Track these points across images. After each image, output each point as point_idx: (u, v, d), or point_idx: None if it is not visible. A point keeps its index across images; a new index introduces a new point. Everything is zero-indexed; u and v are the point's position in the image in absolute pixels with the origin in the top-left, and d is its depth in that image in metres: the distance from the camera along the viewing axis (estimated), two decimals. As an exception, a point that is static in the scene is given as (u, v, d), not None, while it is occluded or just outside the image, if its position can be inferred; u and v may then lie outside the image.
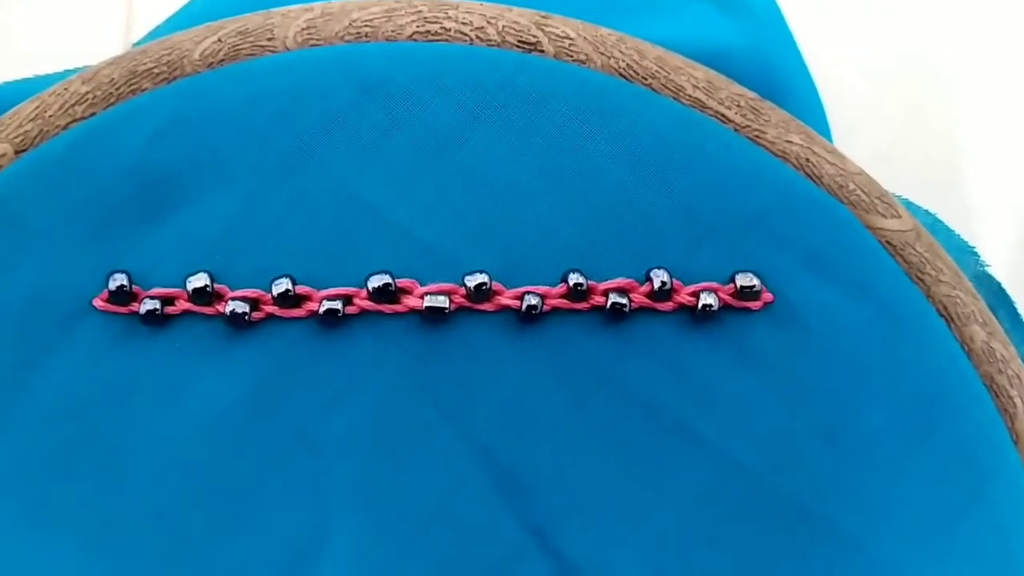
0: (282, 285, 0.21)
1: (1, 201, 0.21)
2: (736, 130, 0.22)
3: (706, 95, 0.22)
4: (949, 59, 0.34)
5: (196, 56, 0.22)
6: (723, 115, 0.22)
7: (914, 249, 0.22)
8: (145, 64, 0.22)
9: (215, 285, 0.21)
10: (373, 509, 0.21)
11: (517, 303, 0.21)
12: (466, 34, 0.22)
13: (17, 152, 0.22)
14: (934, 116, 0.33)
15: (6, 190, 0.21)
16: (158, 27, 0.27)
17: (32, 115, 0.22)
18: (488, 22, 0.22)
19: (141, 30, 0.29)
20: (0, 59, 0.31)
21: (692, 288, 0.21)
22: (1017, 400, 0.22)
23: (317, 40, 0.22)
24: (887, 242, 0.22)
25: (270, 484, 0.21)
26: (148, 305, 0.21)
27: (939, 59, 0.34)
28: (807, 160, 0.22)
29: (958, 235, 0.25)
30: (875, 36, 0.34)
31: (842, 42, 0.33)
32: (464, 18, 0.22)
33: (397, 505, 0.21)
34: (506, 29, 0.22)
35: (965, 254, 0.25)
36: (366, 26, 0.22)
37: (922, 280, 0.22)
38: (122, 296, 0.21)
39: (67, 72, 0.23)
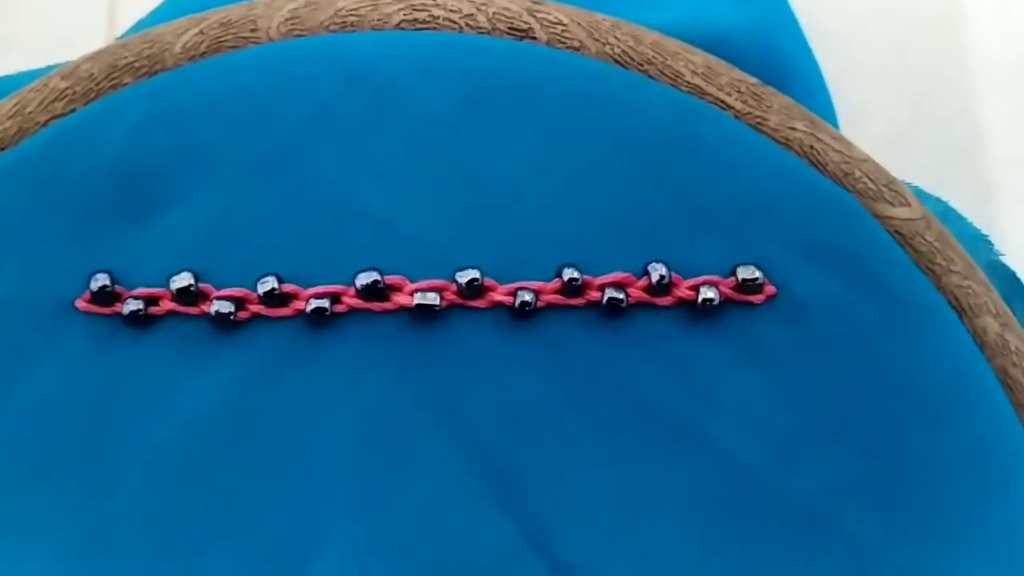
0: (268, 284, 0.20)
1: None
2: (737, 117, 0.22)
3: (705, 81, 0.22)
4: (962, 34, 0.33)
5: (178, 49, 0.22)
6: (723, 102, 0.22)
7: (924, 238, 0.22)
8: (126, 58, 0.22)
9: (199, 284, 0.20)
10: (365, 514, 0.20)
11: (510, 299, 0.20)
12: (455, 22, 0.22)
13: (-4, 150, 0.21)
14: (948, 97, 0.32)
15: (-16, 189, 0.21)
16: (142, 20, 0.26)
17: (11, 112, 0.21)
18: (478, 9, 0.22)
19: (124, 24, 0.29)
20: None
21: (692, 282, 0.21)
22: (1032, 394, 0.21)
23: (302, 30, 0.22)
24: (895, 231, 0.22)
25: (258, 489, 0.20)
26: (131, 306, 0.20)
27: (952, 35, 0.33)
28: (811, 147, 0.22)
29: (971, 223, 0.25)
30: (882, 12, 0.32)
31: (847, 20, 0.32)
32: (453, 5, 0.22)
33: (390, 510, 0.20)
34: (496, 16, 0.22)
35: (978, 243, 0.24)
36: (352, 15, 0.22)
37: (932, 270, 0.21)
38: (105, 297, 0.20)
39: (48, 68, 0.23)
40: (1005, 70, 0.33)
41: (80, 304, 0.21)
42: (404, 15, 0.22)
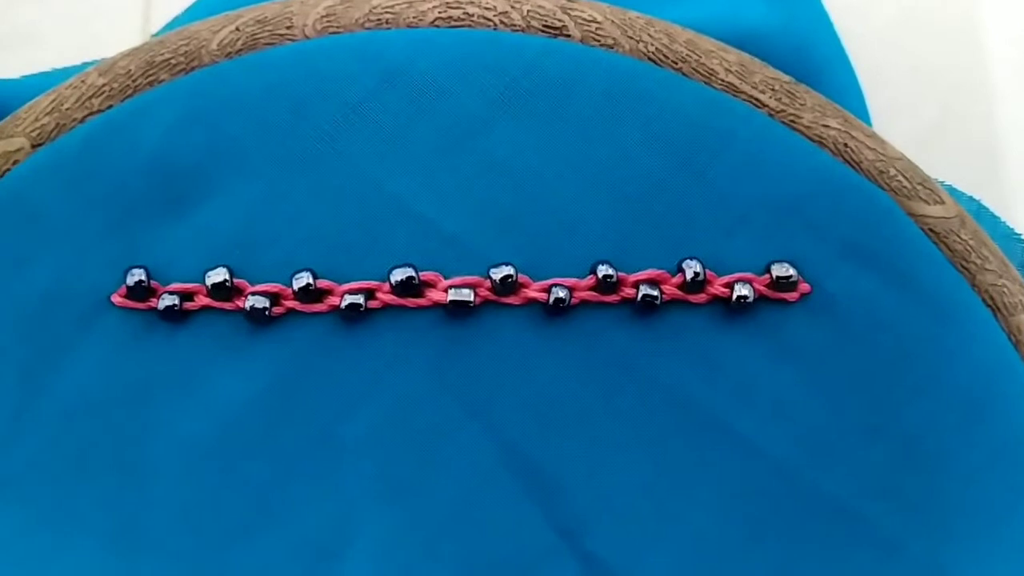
0: (303, 279, 0.20)
1: (18, 196, 0.21)
2: (771, 115, 0.22)
3: (739, 79, 0.22)
4: (992, 35, 0.33)
5: (214, 46, 0.22)
6: (757, 99, 0.22)
7: (958, 236, 0.21)
8: (162, 55, 0.22)
9: (235, 280, 0.20)
10: (398, 508, 0.20)
11: (544, 296, 0.20)
12: (490, 19, 0.22)
13: (34, 146, 0.21)
14: (978, 96, 0.32)
15: (23, 184, 0.21)
16: (177, 18, 0.27)
17: (48, 108, 0.21)
18: (512, 6, 0.22)
19: (159, 21, 0.29)
20: (18, 52, 0.31)
21: (726, 279, 0.21)
22: (1068, 394, 0.21)
23: (337, 28, 0.22)
24: (930, 229, 0.21)
25: (292, 483, 0.20)
26: (167, 301, 0.20)
27: (982, 36, 0.33)
28: (845, 145, 0.22)
29: (1004, 222, 0.24)
30: (914, 12, 0.32)
31: (879, 20, 0.32)
32: (487, 3, 0.22)
33: (422, 504, 0.20)
34: (531, 13, 0.22)
35: (1012, 241, 0.24)
36: (387, 12, 0.22)
37: (967, 268, 0.21)
38: (140, 291, 0.20)
39: (84, 65, 0.23)
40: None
41: (116, 299, 0.21)
42: (439, 12, 0.22)
